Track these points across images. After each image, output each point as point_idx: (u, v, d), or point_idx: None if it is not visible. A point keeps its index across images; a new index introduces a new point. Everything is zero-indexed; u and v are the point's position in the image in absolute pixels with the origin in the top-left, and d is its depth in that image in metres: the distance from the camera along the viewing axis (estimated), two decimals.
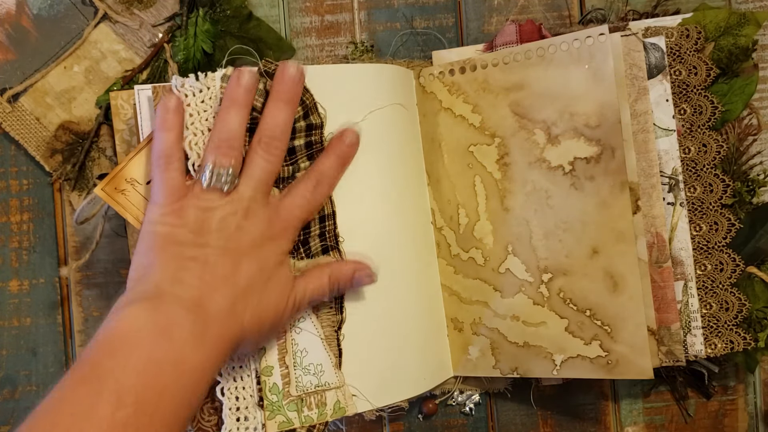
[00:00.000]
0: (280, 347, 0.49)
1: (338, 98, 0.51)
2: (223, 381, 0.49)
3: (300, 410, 0.49)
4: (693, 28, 0.53)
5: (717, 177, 0.53)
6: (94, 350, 0.39)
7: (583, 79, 0.50)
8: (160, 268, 0.43)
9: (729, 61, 0.54)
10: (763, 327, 0.53)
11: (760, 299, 0.53)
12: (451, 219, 0.55)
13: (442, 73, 0.55)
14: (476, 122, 0.54)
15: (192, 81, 0.48)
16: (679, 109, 0.53)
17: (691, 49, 0.53)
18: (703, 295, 0.53)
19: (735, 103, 0.54)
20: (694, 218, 0.53)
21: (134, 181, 0.49)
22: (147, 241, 0.44)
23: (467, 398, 0.58)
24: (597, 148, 0.50)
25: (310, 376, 0.49)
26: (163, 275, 0.42)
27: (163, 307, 0.40)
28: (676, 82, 0.53)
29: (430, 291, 0.55)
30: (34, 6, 0.58)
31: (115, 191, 0.49)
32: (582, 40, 0.50)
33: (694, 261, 0.53)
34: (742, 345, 0.53)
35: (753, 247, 0.54)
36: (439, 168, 0.55)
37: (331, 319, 0.50)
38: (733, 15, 0.53)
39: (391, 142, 0.53)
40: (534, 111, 0.52)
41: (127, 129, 0.54)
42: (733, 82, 0.54)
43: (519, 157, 0.53)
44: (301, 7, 0.59)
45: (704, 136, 0.53)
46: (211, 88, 0.48)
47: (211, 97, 0.48)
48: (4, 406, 0.58)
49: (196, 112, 0.48)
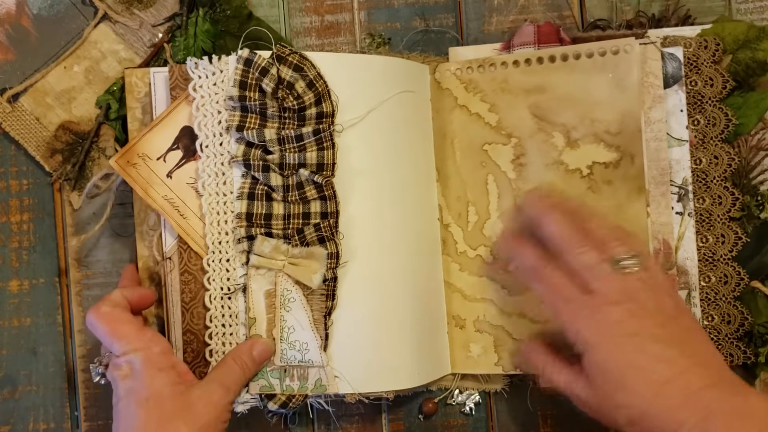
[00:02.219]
0: (269, 320, 0.51)
1: (351, 88, 0.51)
2: (213, 344, 0.52)
3: (282, 379, 0.51)
4: (711, 39, 0.53)
5: (726, 190, 0.53)
6: None
7: (605, 87, 0.51)
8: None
9: (746, 75, 0.54)
10: (764, 342, 0.53)
11: (762, 314, 0.53)
12: (459, 216, 0.55)
13: (459, 70, 0.55)
14: (492, 121, 0.54)
15: (205, 63, 0.51)
16: (693, 120, 0.53)
17: (708, 61, 0.53)
18: (705, 307, 0.53)
19: (749, 116, 0.54)
20: (702, 229, 0.53)
21: (145, 156, 0.53)
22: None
23: (467, 398, 0.58)
24: (616, 154, 0.51)
25: (295, 352, 0.51)
26: None
27: None
28: (692, 92, 0.53)
29: (431, 287, 0.55)
30: (34, 6, 0.58)
31: (127, 164, 0.53)
32: (609, 50, 0.51)
33: (698, 272, 0.53)
34: (742, 359, 0.53)
35: (758, 261, 0.54)
36: (450, 165, 0.56)
37: (321, 304, 0.51)
38: (752, 29, 0.53)
39: (402, 135, 0.53)
40: (554, 114, 0.53)
41: (140, 107, 0.55)
42: (749, 96, 0.54)
43: (536, 159, 0.53)
44: (301, 7, 0.59)
45: (716, 148, 0.53)
46: (224, 71, 0.51)
47: (223, 80, 0.51)
48: (4, 406, 0.58)
49: (208, 94, 0.51)
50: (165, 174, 0.53)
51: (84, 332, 0.58)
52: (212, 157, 0.52)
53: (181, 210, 0.53)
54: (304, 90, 0.50)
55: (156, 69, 0.54)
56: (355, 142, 0.51)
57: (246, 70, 0.50)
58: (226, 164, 0.51)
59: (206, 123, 0.51)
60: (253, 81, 0.50)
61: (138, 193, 0.52)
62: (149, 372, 0.46)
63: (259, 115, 0.51)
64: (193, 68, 0.51)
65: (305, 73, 0.50)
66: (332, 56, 0.52)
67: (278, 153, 0.50)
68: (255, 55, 0.50)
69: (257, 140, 0.50)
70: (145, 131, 0.52)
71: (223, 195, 0.52)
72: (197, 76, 0.51)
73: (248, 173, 0.51)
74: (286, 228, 0.51)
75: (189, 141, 0.52)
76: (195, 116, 0.51)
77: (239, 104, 0.50)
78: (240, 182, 0.51)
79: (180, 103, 0.52)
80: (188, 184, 0.53)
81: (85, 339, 0.58)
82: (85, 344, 0.58)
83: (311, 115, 0.50)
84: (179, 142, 0.53)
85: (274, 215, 0.51)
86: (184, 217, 0.52)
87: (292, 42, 0.58)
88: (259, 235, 0.51)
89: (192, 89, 0.52)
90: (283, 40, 0.58)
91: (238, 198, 0.51)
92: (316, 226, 0.51)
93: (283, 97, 0.50)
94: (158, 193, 0.53)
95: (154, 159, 0.53)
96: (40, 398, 0.58)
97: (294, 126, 0.51)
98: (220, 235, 0.52)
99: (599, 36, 0.54)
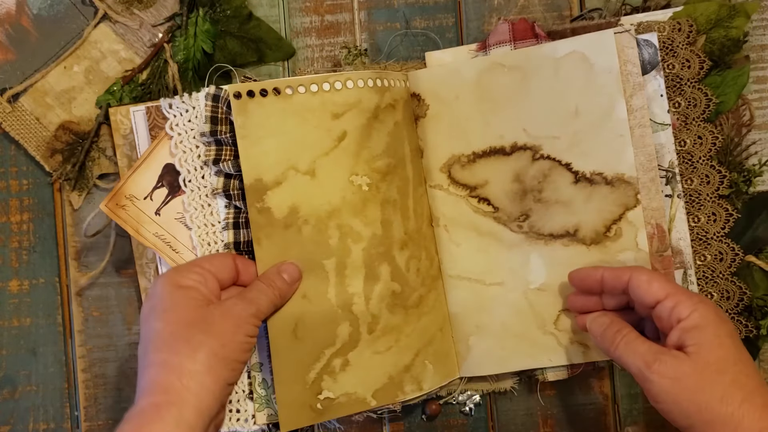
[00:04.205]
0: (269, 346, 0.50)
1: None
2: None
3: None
4: (684, 21, 0.53)
5: (713, 168, 0.53)
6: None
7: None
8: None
9: (721, 53, 0.54)
10: (764, 315, 0.53)
11: (759, 287, 0.54)
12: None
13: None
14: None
15: (178, 102, 0.53)
16: (674, 103, 0.53)
17: (683, 43, 0.53)
18: (703, 285, 0.53)
19: (728, 94, 0.54)
20: (692, 210, 0.53)
21: (133, 197, 0.54)
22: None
23: (467, 398, 0.58)
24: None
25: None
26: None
27: None
28: (670, 75, 0.53)
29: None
30: (34, 6, 0.58)
31: (117, 207, 0.53)
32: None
33: (693, 252, 0.53)
34: (744, 333, 0.53)
35: (751, 236, 0.54)
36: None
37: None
38: (723, 7, 0.53)
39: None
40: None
41: (127, 144, 0.56)
42: (726, 74, 0.54)
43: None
44: (301, 7, 0.59)
45: (699, 128, 0.53)
46: (196, 107, 0.53)
47: (197, 116, 0.53)
48: (4, 406, 0.58)
49: (184, 131, 0.53)
50: (153, 212, 0.54)
51: (84, 332, 0.58)
52: (196, 191, 0.53)
53: (173, 245, 0.54)
54: None
55: (135, 107, 0.55)
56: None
57: (215, 105, 0.51)
58: (210, 195, 0.53)
59: (186, 159, 0.53)
60: (223, 115, 0.51)
61: (129, 233, 0.53)
62: (169, 289, 0.45)
63: (232, 147, 0.51)
64: (167, 108, 0.53)
65: None
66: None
67: None
68: (221, 90, 0.51)
69: (233, 171, 0.51)
70: (129, 173, 0.54)
71: (212, 225, 0.53)
72: (172, 115, 0.53)
73: (230, 203, 0.52)
74: None
75: (172, 177, 0.54)
76: (175, 153, 0.53)
77: (213, 138, 0.51)
78: (224, 213, 0.52)
79: (160, 141, 0.54)
80: (176, 219, 0.54)
81: (85, 339, 0.58)
82: (85, 344, 0.58)
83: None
84: (163, 179, 0.54)
85: None
86: (177, 252, 0.53)
87: (292, 42, 0.58)
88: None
89: (169, 128, 0.53)
90: (282, 40, 0.58)
91: (224, 229, 0.52)
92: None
93: None
94: (149, 231, 0.53)
95: (141, 198, 0.54)
96: (40, 398, 0.58)
97: None
98: None
99: (574, 29, 0.54)
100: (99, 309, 0.58)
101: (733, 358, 0.42)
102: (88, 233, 0.55)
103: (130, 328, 0.58)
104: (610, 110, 0.51)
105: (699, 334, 0.43)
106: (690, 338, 0.43)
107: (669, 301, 0.44)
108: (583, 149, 0.52)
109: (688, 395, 0.42)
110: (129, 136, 0.56)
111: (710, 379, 0.42)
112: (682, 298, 0.44)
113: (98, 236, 0.56)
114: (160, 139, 0.54)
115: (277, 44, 0.58)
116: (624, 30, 0.51)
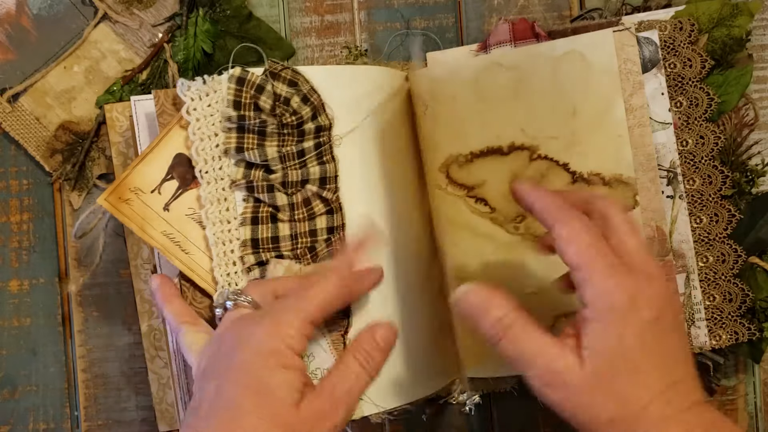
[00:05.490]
0: None
1: (343, 99, 0.51)
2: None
3: None
4: (686, 20, 0.53)
5: (715, 168, 0.53)
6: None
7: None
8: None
9: (723, 53, 0.54)
10: (767, 317, 0.53)
11: (763, 289, 0.53)
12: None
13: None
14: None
15: (198, 84, 0.48)
16: (675, 102, 0.53)
17: (685, 42, 0.53)
18: (705, 287, 0.53)
19: (731, 94, 0.54)
20: (694, 210, 0.53)
21: (138, 190, 0.48)
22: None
23: (468, 398, 0.58)
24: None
25: (316, 381, 0.49)
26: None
27: None
28: (671, 75, 0.53)
29: (434, 293, 0.55)
30: (34, 6, 0.58)
31: (119, 201, 0.48)
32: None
33: (695, 253, 0.53)
34: (747, 335, 0.53)
35: (754, 237, 0.54)
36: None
37: (337, 324, 0.50)
38: (725, 6, 0.53)
39: (392, 142, 0.53)
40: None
41: (123, 141, 0.54)
42: (728, 73, 0.54)
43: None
44: (301, 7, 0.59)
45: (701, 128, 0.53)
46: (218, 91, 0.48)
47: (217, 101, 0.48)
48: (4, 406, 0.58)
49: (203, 116, 0.48)
50: (161, 207, 0.48)
51: (84, 332, 0.58)
52: (213, 183, 0.49)
53: (182, 245, 0.48)
54: (299, 105, 0.49)
55: (136, 97, 0.51)
56: (350, 152, 0.51)
57: (239, 89, 0.48)
58: (228, 189, 0.49)
59: (203, 147, 0.48)
60: (248, 99, 0.48)
61: (134, 232, 0.48)
62: (270, 363, 0.39)
63: (256, 134, 0.49)
64: (185, 90, 0.48)
65: (299, 88, 0.49)
66: (321, 69, 0.51)
67: (281, 171, 0.49)
68: (247, 72, 0.48)
69: (259, 160, 0.48)
70: (136, 162, 0.47)
71: (227, 222, 0.49)
72: (189, 99, 0.48)
73: (249, 197, 0.49)
74: (294, 248, 0.49)
75: (184, 169, 0.49)
76: (192, 140, 0.48)
77: (236, 124, 0.48)
78: (242, 207, 0.49)
79: (171, 128, 0.49)
80: (187, 215, 0.49)
81: (85, 339, 0.58)
82: (85, 344, 0.58)
83: (310, 130, 0.49)
84: (173, 171, 0.49)
85: (281, 237, 0.49)
86: (187, 253, 0.48)
87: (292, 42, 0.58)
88: (271, 259, 0.49)
89: (185, 112, 0.48)
90: (283, 40, 0.58)
91: (242, 224, 0.49)
92: (327, 241, 0.50)
93: (281, 114, 0.49)
94: (156, 230, 0.48)
95: (148, 192, 0.48)
96: (40, 398, 0.58)
97: (294, 142, 0.49)
98: (227, 267, 0.48)
99: (574, 29, 0.54)
100: (98, 309, 0.58)
101: (637, 359, 0.35)
102: (77, 235, 0.53)
103: (130, 328, 0.58)
104: (608, 110, 0.51)
105: (597, 333, 0.36)
106: (586, 336, 0.36)
107: (581, 272, 0.36)
108: (581, 149, 0.52)
109: (582, 410, 0.36)
110: (126, 134, 0.54)
111: (604, 389, 0.35)
112: (595, 273, 0.36)
113: (91, 238, 0.55)
114: (173, 125, 0.49)
115: (277, 44, 0.58)
116: (624, 28, 0.51)
